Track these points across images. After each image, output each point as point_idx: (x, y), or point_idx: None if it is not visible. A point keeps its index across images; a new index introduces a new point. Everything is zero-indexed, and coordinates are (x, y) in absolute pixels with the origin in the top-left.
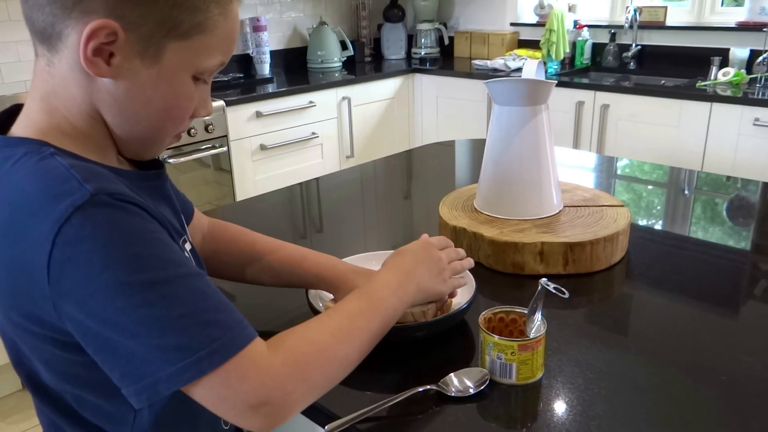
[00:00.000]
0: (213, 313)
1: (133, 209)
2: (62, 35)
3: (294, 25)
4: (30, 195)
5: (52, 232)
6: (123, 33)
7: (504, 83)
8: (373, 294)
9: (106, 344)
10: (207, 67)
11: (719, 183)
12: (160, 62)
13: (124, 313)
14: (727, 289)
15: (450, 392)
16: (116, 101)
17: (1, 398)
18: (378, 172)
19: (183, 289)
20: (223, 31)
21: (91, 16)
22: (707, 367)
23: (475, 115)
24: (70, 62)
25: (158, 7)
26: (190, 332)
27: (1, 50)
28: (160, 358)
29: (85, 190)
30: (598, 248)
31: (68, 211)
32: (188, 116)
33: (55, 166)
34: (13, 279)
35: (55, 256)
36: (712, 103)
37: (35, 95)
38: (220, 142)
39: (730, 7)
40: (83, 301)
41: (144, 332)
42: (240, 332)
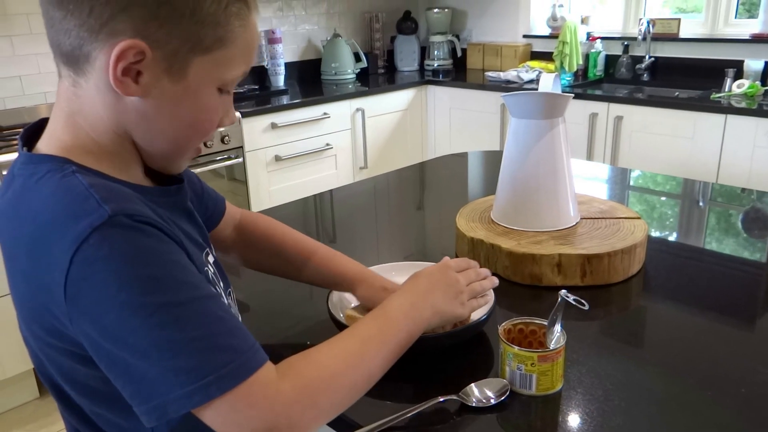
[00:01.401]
0: (225, 338)
1: (151, 230)
2: (90, 57)
3: (308, 37)
4: (51, 213)
5: (70, 251)
6: (150, 52)
7: (521, 97)
8: (387, 317)
9: (118, 363)
10: (231, 78)
11: (734, 195)
12: (186, 77)
13: (137, 333)
14: (744, 301)
15: (471, 402)
16: (144, 119)
17: (19, 406)
18: (391, 184)
19: (197, 312)
20: (243, 41)
21: (118, 37)
22: (726, 379)
23: (488, 126)
24: (98, 83)
25: (182, 24)
26: (201, 356)
27: (22, 62)
28: (170, 380)
29: (104, 211)
30: (615, 260)
31: (86, 231)
32: (214, 127)
33: (76, 185)
34: (35, 294)
35: (72, 274)
36: (726, 115)
37: (60, 114)
38: (235, 153)
39: (743, 19)
40: (97, 320)
41: (155, 354)
42: (251, 357)
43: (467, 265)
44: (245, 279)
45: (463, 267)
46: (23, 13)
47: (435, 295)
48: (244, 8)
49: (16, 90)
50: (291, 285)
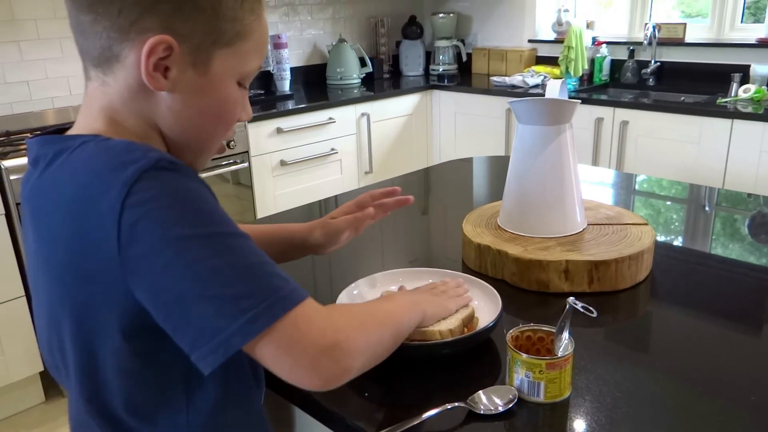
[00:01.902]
0: (273, 267)
1: (193, 174)
2: (120, 56)
3: (314, 42)
4: (94, 170)
5: (120, 198)
6: (177, 46)
7: (528, 103)
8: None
9: (177, 306)
10: (249, 71)
11: (740, 200)
12: (210, 71)
13: (195, 265)
14: (753, 307)
15: (479, 410)
16: (173, 112)
17: (25, 410)
18: None
19: (245, 245)
20: (258, 35)
21: (147, 33)
22: (736, 387)
23: (493, 131)
24: (128, 80)
25: (205, 18)
26: (259, 280)
27: (29, 68)
28: (231, 310)
29: (150, 157)
30: (623, 266)
31: (136, 174)
32: (236, 119)
33: (116, 144)
34: (80, 258)
35: (125, 220)
36: (733, 119)
37: (91, 110)
38: (241, 158)
39: (750, 24)
40: (155, 260)
41: (215, 283)
42: (298, 286)
43: (433, 286)
44: None
45: (431, 287)
46: (31, 19)
47: (424, 299)
48: (257, 5)
49: (24, 95)
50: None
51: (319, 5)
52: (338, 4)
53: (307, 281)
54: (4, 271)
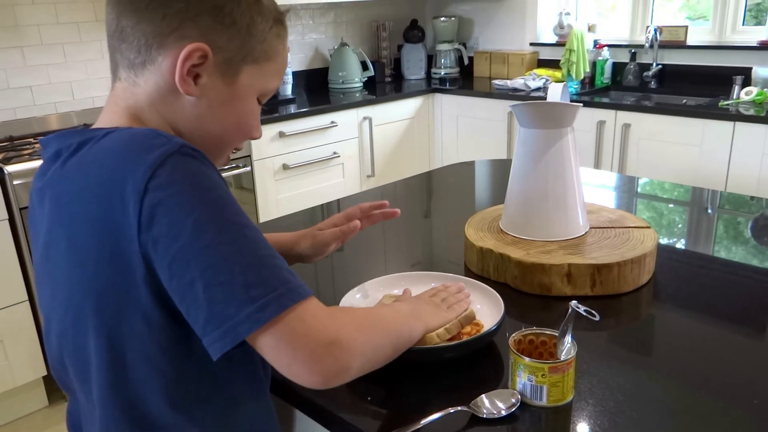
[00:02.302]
0: (282, 261)
1: (213, 166)
2: (156, 60)
3: (315, 46)
4: (120, 154)
5: (144, 178)
6: (212, 55)
7: (530, 106)
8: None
9: (190, 290)
10: (269, 90)
11: (743, 202)
12: (236, 83)
13: (209, 250)
14: (756, 310)
15: (481, 413)
16: (197, 117)
17: (28, 414)
18: (398, 192)
19: (257, 237)
20: (282, 58)
21: (185, 41)
22: (739, 390)
23: (495, 134)
24: (159, 82)
25: (240, 34)
26: (269, 271)
27: (32, 73)
28: (242, 298)
29: (175, 142)
30: (625, 270)
31: (161, 158)
32: (253, 131)
33: (142, 130)
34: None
35: (147, 201)
36: (735, 122)
37: (115, 109)
38: (243, 162)
39: (751, 26)
40: (172, 243)
41: (227, 269)
42: (304, 284)
43: (434, 292)
44: None
45: (432, 293)
46: (34, 24)
47: (421, 309)
48: (283, 31)
49: (27, 100)
50: None
51: (320, 9)
52: (340, 8)
53: (310, 284)
54: (8, 275)
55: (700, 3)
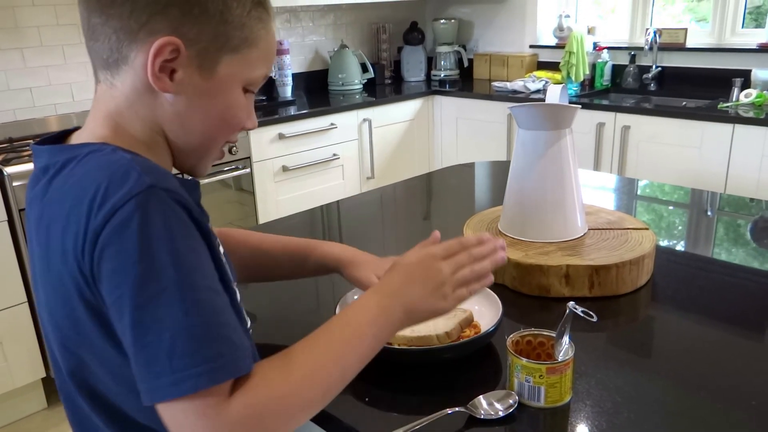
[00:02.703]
0: (227, 330)
1: (181, 212)
2: (128, 58)
3: (315, 48)
4: (94, 183)
5: (105, 217)
6: (184, 49)
7: (528, 108)
8: (351, 325)
9: (124, 335)
10: (255, 78)
11: (742, 204)
12: (215, 75)
13: (144, 307)
14: (756, 313)
15: (479, 414)
16: (178, 114)
17: (27, 416)
18: (398, 194)
19: (205, 300)
20: (265, 44)
21: (156, 35)
22: (737, 392)
23: (494, 136)
24: (135, 82)
25: (212, 23)
26: (199, 344)
27: (32, 74)
28: (162, 363)
29: (144, 181)
30: (623, 271)
31: (125, 198)
32: (240, 126)
33: (118, 159)
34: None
35: (102, 238)
36: (734, 124)
37: (97, 115)
38: (243, 164)
39: (750, 29)
40: (114, 288)
41: (156, 330)
42: (245, 357)
43: (459, 248)
44: (252, 289)
45: (454, 251)
46: (34, 26)
47: (410, 291)
48: (264, 14)
49: (27, 102)
50: (297, 295)
51: (320, 11)
52: (340, 11)
53: (309, 287)
54: (7, 277)
55: (700, 5)
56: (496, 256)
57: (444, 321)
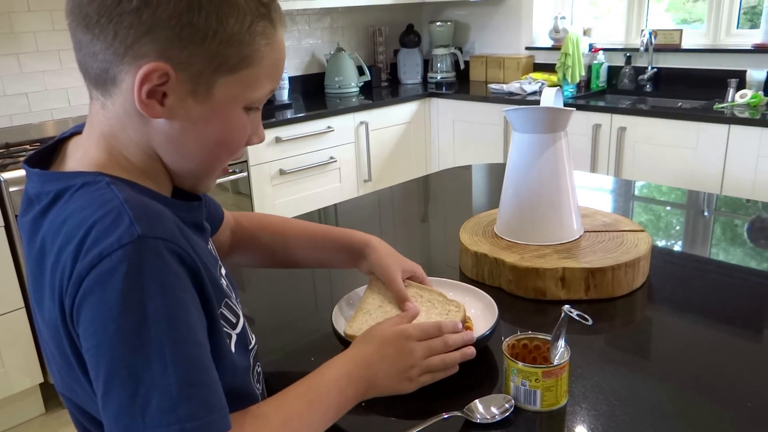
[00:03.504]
0: (204, 390)
1: (170, 263)
2: (116, 80)
3: (312, 51)
4: (83, 223)
5: (91, 263)
6: (174, 74)
7: (523, 111)
8: (318, 390)
9: (96, 382)
10: (257, 98)
11: (739, 205)
12: (211, 98)
13: (120, 361)
14: (752, 314)
15: (475, 419)
16: (172, 140)
17: (25, 422)
18: (395, 197)
19: (185, 357)
20: (270, 60)
21: (142, 59)
22: (733, 393)
23: (491, 138)
24: (126, 105)
25: (206, 45)
26: (174, 401)
27: (28, 80)
28: (133, 416)
29: (134, 230)
30: (619, 273)
31: (113, 247)
32: (242, 146)
33: (111, 199)
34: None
35: (86, 284)
36: (730, 125)
37: (92, 134)
38: (240, 167)
39: (745, 30)
40: (91, 336)
41: (131, 384)
42: (220, 420)
43: (435, 333)
44: (250, 293)
45: (430, 335)
46: (30, 31)
47: (379, 367)
48: (269, 26)
49: (23, 107)
50: (296, 298)
51: (317, 14)
52: (336, 14)
53: (307, 288)
54: (4, 282)
55: (695, 6)
56: (466, 351)
57: (440, 318)
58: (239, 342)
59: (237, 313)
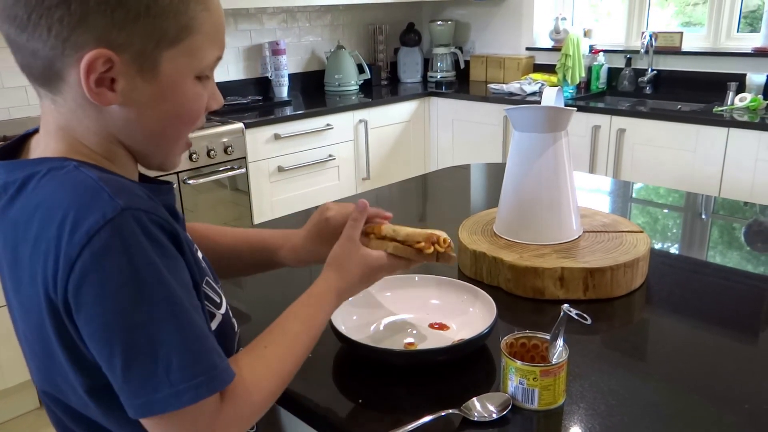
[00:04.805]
0: (211, 341)
1: (157, 232)
2: (62, 75)
3: (312, 48)
4: (61, 208)
5: (80, 243)
6: (117, 57)
7: (524, 110)
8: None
9: (109, 362)
10: (206, 65)
11: (737, 208)
12: (159, 75)
13: (135, 330)
14: (749, 315)
15: (473, 417)
16: (130, 123)
17: (18, 416)
18: (394, 196)
19: (191, 315)
20: (210, 25)
21: (82, 49)
22: (730, 395)
23: (490, 138)
24: (77, 98)
25: (141, 22)
26: (196, 355)
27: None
28: (160, 379)
29: (116, 204)
30: (618, 274)
31: (99, 223)
32: (201, 115)
33: (84, 179)
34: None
35: (78, 267)
36: (729, 128)
37: (50, 129)
38: (238, 164)
39: (746, 33)
40: (98, 315)
41: (149, 350)
42: (227, 367)
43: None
44: (246, 289)
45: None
46: None
47: (357, 289)
48: None
49: (22, 100)
50: (290, 294)
51: (317, 12)
52: (337, 11)
53: (304, 284)
54: None
55: (695, 9)
56: None
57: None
58: (224, 325)
59: (220, 294)
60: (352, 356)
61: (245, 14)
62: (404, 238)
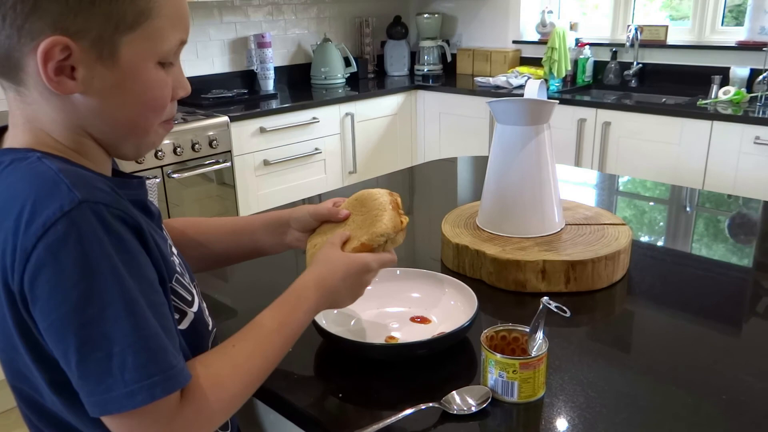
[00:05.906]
0: (171, 339)
1: (115, 225)
2: (21, 65)
3: (298, 41)
4: (19, 199)
5: (36, 235)
6: (74, 44)
7: (506, 103)
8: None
9: (65, 357)
10: (168, 50)
11: (720, 200)
12: (119, 60)
13: (90, 325)
14: (730, 307)
15: (452, 410)
16: (94, 112)
17: (4, 412)
18: None
19: (148, 311)
20: (170, 8)
21: (38, 37)
22: (709, 387)
23: (477, 131)
24: (39, 88)
25: (97, 7)
26: (149, 355)
27: None
28: (115, 377)
29: (74, 196)
30: (599, 266)
31: (55, 215)
32: (168, 102)
33: (45, 171)
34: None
35: (34, 259)
36: (713, 121)
37: (16, 122)
38: (223, 158)
39: (730, 27)
40: (53, 309)
41: (104, 347)
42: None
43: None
44: (231, 284)
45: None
46: None
47: (341, 297)
48: None
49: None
50: (276, 289)
51: (303, 5)
52: (323, 4)
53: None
54: None
55: (681, 3)
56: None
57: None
58: (197, 323)
59: (192, 293)
60: (333, 350)
61: (230, 6)
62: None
